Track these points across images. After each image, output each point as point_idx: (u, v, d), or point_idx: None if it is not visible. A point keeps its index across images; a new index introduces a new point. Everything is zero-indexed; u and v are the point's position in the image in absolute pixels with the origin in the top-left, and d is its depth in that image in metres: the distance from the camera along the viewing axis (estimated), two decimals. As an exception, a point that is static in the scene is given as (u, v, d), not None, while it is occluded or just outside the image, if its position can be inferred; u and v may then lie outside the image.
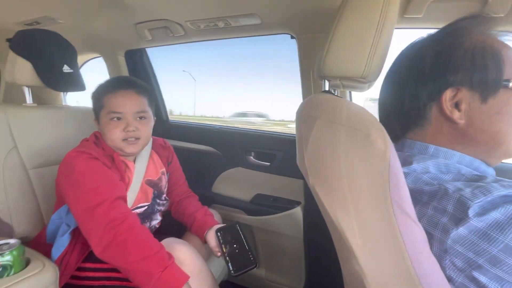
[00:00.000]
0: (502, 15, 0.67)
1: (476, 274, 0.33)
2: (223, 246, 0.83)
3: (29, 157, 0.94)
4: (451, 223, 0.35)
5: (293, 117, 0.60)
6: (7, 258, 0.57)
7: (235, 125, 1.71)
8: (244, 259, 0.81)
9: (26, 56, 0.95)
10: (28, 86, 1.01)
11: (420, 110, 0.45)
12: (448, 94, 0.42)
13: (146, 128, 0.84)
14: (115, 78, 0.89)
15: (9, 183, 0.89)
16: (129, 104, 0.80)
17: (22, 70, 0.96)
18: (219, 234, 0.85)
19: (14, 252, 0.58)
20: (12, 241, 0.61)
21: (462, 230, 0.33)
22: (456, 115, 0.42)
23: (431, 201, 0.38)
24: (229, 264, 0.79)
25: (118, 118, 0.80)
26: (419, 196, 0.40)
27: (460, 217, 0.34)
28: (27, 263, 0.63)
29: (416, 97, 0.45)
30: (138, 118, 0.82)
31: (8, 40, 0.98)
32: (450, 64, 0.42)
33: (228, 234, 0.86)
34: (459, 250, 0.34)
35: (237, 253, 0.81)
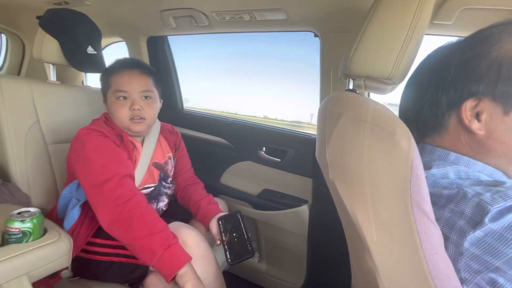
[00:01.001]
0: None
1: (493, 275, 0.33)
2: (223, 234, 0.84)
3: (49, 132, 0.98)
4: (468, 226, 0.35)
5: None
6: (27, 225, 0.59)
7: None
8: (241, 249, 0.82)
9: (54, 34, 0.98)
10: (53, 64, 1.04)
11: (438, 117, 0.45)
12: (469, 104, 0.41)
13: (151, 108, 0.86)
14: (121, 59, 0.91)
15: (30, 155, 0.93)
16: (134, 82, 0.83)
17: (49, 48, 0.98)
18: (220, 222, 0.87)
19: (34, 220, 0.60)
20: (32, 209, 0.63)
21: (478, 233, 0.34)
22: (475, 125, 0.41)
23: (449, 204, 0.38)
24: (227, 252, 0.81)
25: (124, 98, 0.82)
26: (436, 200, 0.40)
27: (477, 221, 0.34)
28: (44, 232, 0.65)
29: (436, 104, 0.44)
30: (143, 98, 0.84)
31: (38, 17, 1.01)
32: (474, 73, 0.41)
33: (229, 223, 0.87)
34: (476, 252, 0.34)
35: (236, 242, 0.83)
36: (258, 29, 1.06)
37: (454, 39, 0.47)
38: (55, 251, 0.62)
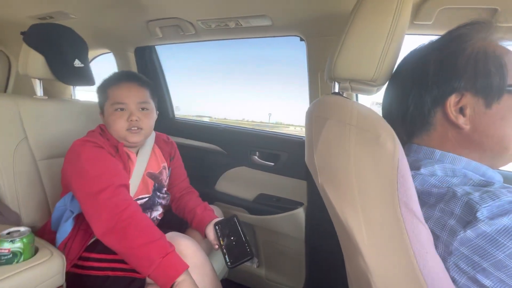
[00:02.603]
0: (510, 25, 0.68)
1: (479, 276, 0.33)
2: (220, 239, 0.84)
3: (38, 148, 0.96)
4: (459, 225, 0.35)
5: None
6: (17, 245, 0.58)
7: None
8: (240, 251, 0.82)
9: (39, 49, 0.97)
10: (39, 79, 1.03)
11: (424, 115, 0.46)
12: (452, 99, 0.42)
13: (148, 120, 0.87)
14: (119, 72, 0.93)
15: (19, 173, 0.91)
16: (132, 95, 0.84)
17: (35, 63, 0.98)
18: (217, 227, 0.87)
19: (25, 240, 0.59)
20: (22, 228, 0.62)
21: (469, 233, 0.34)
22: (461, 120, 0.42)
23: (438, 203, 0.39)
24: (226, 256, 0.81)
25: (122, 109, 0.83)
26: (426, 198, 0.41)
27: (467, 220, 0.35)
28: (35, 251, 0.64)
29: (421, 102, 0.45)
30: (140, 109, 0.85)
31: (22, 33, 1.00)
32: (453, 70, 0.42)
33: (226, 227, 0.87)
34: (465, 252, 0.34)
35: (234, 245, 0.83)
36: (245, 35, 1.07)
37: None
38: (47, 270, 0.61)
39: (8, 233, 0.60)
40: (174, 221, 1.02)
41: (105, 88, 0.87)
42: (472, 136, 0.43)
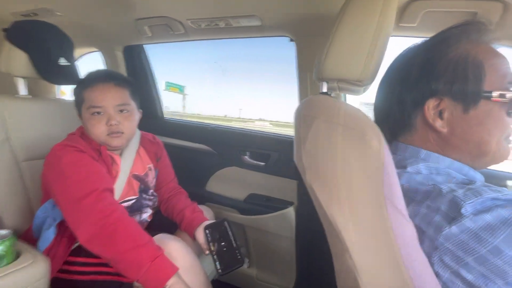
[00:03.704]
0: (491, 27, 0.70)
1: (462, 271, 0.34)
2: (211, 244, 0.83)
3: (22, 149, 0.93)
4: (444, 221, 0.36)
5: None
6: (0, 248, 0.56)
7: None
8: (231, 258, 0.81)
9: (22, 47, 0.94)
10: (23, 77, 1.00)
11: (405, 116, 0.47)
12: (431, 103, 0.43)
13: (129, 122, 0.83)
14: (94, 71, 0.88)
15: (0, 174, 0.88)
16: (108, 97, 0.79)
17: (18, 61, 0.94)
18: (207, 231, 0.85)
19: (7, 242, 0.57)
20: (3, 231, 0.60)
21: (454, 229, 0.35)
22: (438, 123, 0.43)
23: (425, 200, 0.40)
24: (217, 263, 0.80)
25: (99, 113, 0.79)
26: (413, 195, 0.42)
27: (452, 216, 0.36)
28: (17, 255, 0.62)
29: (402, 103, 0.47)
30: (119, 111, 0.81)
31: (5, 30, 0.97)
32: (433, 73, 0.43)
33: (216, 232, 0.86)
34: (449, 247, 0.35)
35: (225, 251, 0.82)
36: (234, 35, 1.07)
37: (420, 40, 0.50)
38: (31, 275, 0.59)
39: (-11, 237, 0.58)
40: (164, 222, 1.00)
41: (80, 90, 0.82)
42: (450, 139, 0.44)
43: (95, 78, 0.82)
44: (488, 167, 0.47)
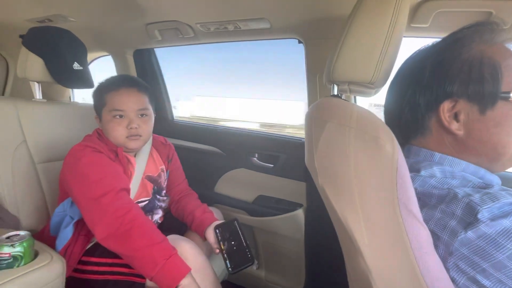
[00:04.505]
0: (506, 27, 0.69)
1: (479, 277, 0.34)
2: (221, 243, 0.84)
3: (37, 151, 0.96)
4: (459, 226, 0.36)
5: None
6: (18, 249, 0.58)
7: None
8: (241, 257, 0.82)
9: (38, 52, 0.97)
10: (38, 82, 1.03)
11: (418, 119, 0.46)
12: (446, 105, 0.42)
13: (147, 126, 0.86)
14: (117, 76, 0.91)
15: (18, 176, 0.91)
16: (131, 102, 0.82)
17: (34, 66, 0.97)
18: (217, 231, 0.86)
19: (25, 244, 0.59)
20: (22, 232, 0.62)
21: (470, 234, 0.34)
22: (454, 126, 0.42)
23: (439, 205, 0.39)
24: (227, 261, 0.81)
25: (121, 116, 0.82)
26: (427, 199, 0.41)
27: (468, 221, 0.35)
28: (35, 255, 0.64)
29: (415, 106, 0.46)
30: (139, 116, 0.84)
31: (21, 36, 1.00)
32: (447, 75, 0.42)
33: (226, 231, 0.87)
34: (465, 253, 0.35)
35: (235, 250, 0.83)
36: (243, 38, 1.08)
37: (432, 41, 0.49)
38: (48, 274, 0.61)
39: (8, 238, 0.60)
40: (174, 224, 1.02)
41: (102, 93, 0.85)
42: (467, 141, 0.43)
43: (120, 83, 0.85)
44: (506, 170, 0.46)
